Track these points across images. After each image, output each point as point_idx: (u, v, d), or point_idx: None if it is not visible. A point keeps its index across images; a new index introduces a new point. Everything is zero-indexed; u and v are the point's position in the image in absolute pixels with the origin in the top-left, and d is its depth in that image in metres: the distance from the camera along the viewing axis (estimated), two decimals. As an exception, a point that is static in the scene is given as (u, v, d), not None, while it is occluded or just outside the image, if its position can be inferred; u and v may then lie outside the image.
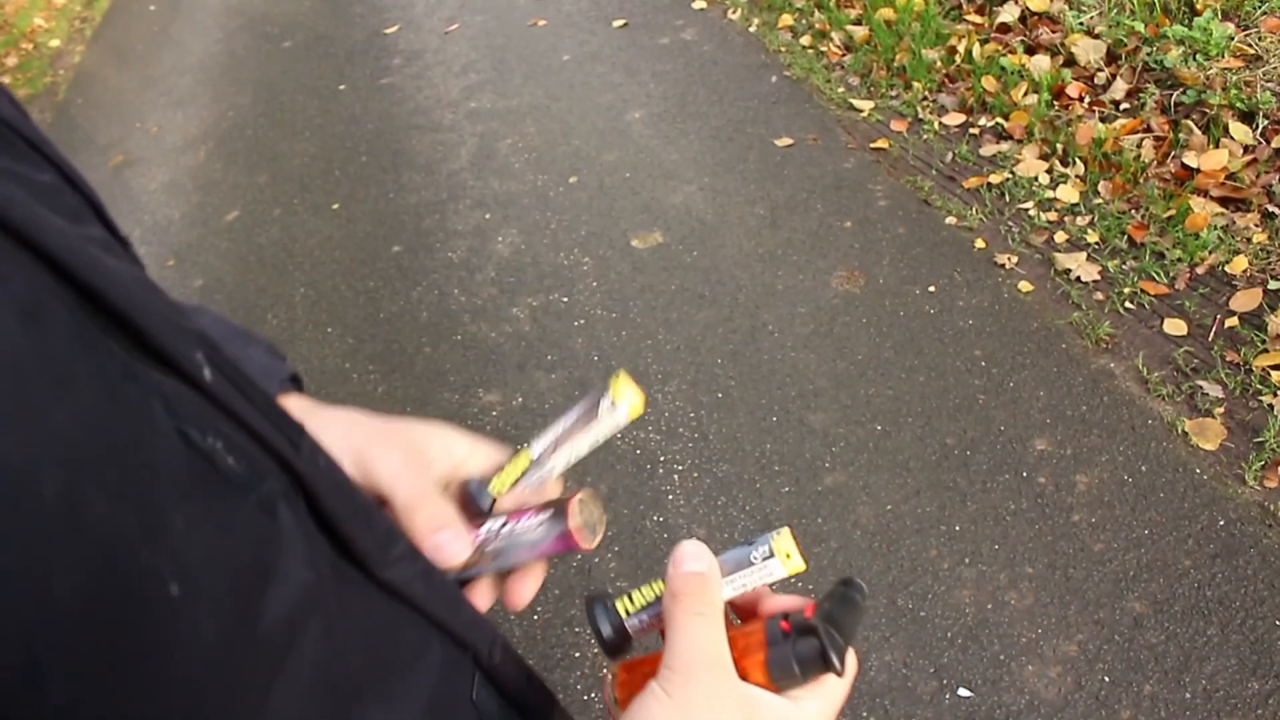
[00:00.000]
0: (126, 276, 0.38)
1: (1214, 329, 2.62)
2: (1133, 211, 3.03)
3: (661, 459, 2.57)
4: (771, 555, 0.55)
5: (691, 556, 0.54)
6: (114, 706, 0.31)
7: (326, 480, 0.48)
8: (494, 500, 0.62)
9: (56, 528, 0.28)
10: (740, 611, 0.60)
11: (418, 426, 0.63)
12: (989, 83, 3.63)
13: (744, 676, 0.53)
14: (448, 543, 0.58)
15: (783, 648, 0.52)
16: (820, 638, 0.52)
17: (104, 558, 0.30)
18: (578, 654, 2.18)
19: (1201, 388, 2.48)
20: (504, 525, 0.61)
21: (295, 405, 0.63)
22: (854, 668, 0.55)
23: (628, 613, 0.59)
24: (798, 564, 0.56)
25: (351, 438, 0.60)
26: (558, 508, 0.60)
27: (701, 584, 0.53)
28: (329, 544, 0.48)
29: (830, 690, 0.54)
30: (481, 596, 0.65)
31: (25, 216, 0.33)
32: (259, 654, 0.39)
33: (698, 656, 0.51)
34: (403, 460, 0.59)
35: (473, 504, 0.62)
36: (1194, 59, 3.25)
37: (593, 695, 2.12)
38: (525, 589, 0.64)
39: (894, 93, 3.88)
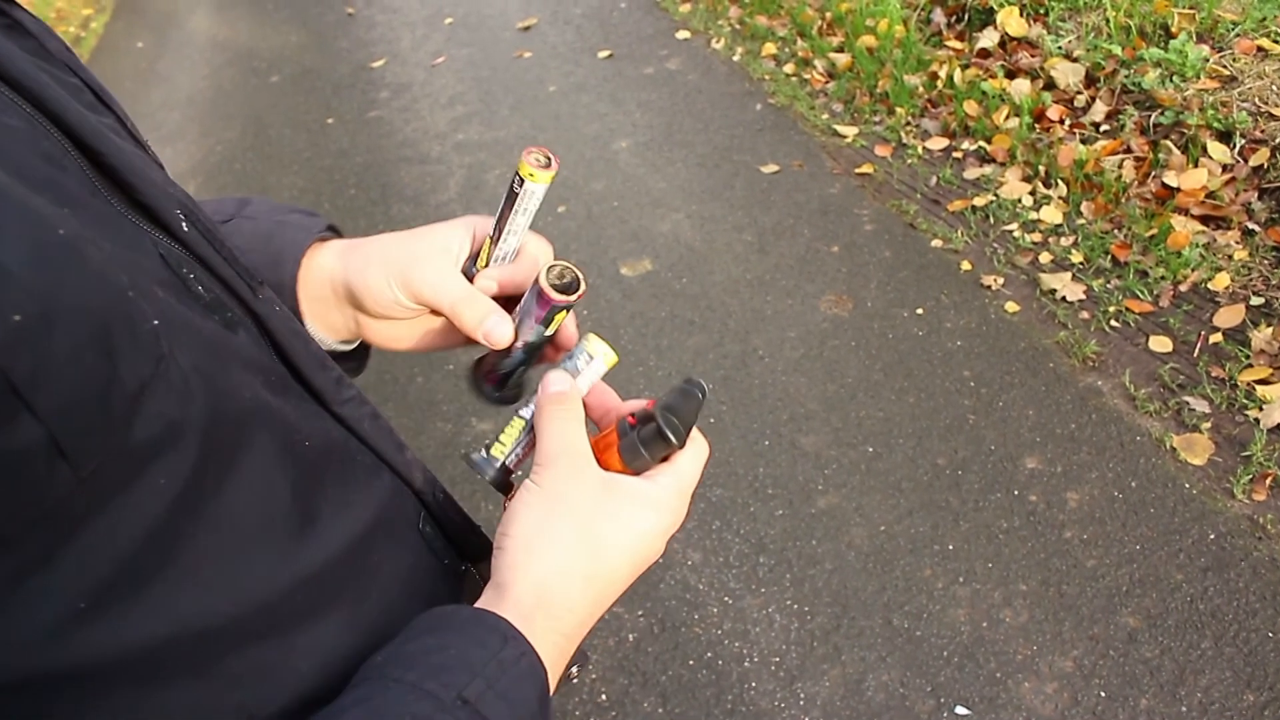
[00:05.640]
0: (126, 149, 0.50)
1: (1199, 345, 2.65)
2: (1115, 231, 3.07)
3: (655, 484, 2.57)
4: (591, 358, 0.66)
5: (555, 381, 0.65)
6: (107, 416, 0.40)
7: (283, 324, 0.58)
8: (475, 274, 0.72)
9: (67, 251, 0.39)
10: (600, 422, 0.70)
11: (437, 234, 0.72)
12: (971, 107, 3.68)
13: (607, 468, 0.63)
14: (495, 326, 0.68)
15: (630, 437, 0.62)
16: (658, 420, 0.61)
17: (99, 281, 0.40)
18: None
19: (1188, 403, 2.50)
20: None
21: (334, 245, 0.75)
22: (704, 446, 0.65)
23: (503, 454, 0.69)
24: (614, 357, 0.67)
25: (391, 265, 0.70)
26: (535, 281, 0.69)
27: (562, 397, 0.64)
28: (290, 376, 0.58)
29: (681, 466, 0.64)
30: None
31: (55, 99, 0.47)
32: (232, 409, 0.48)
33: (559, 448, 0.61)
34: (438, 270, 0.70)
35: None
36: (1171, 81, 3.30)
37: None
38: (566, 338, 0.73)
39: (877, 118, 3.93)
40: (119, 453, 0.41)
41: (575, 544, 0.58)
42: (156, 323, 0.43)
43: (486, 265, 0.72)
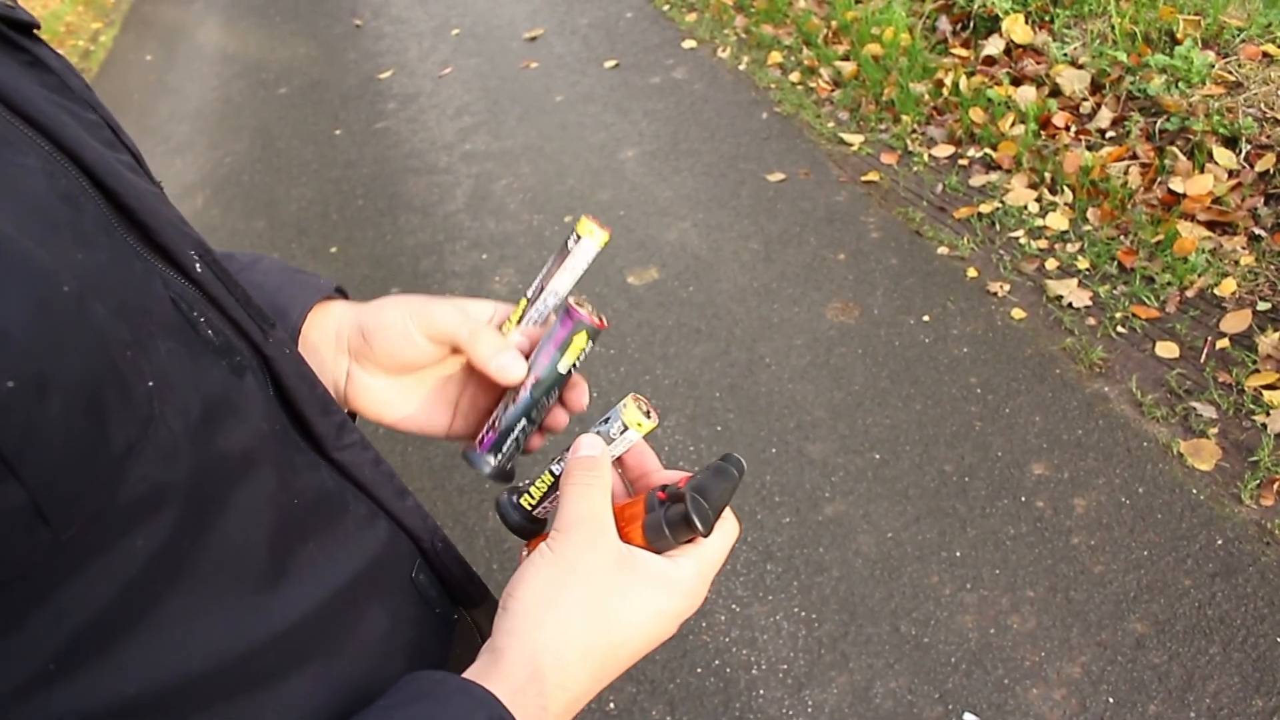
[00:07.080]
0: (142, 188, 0.50)
1: (1205, 351, 2.65)
2: (1122, 237, 3.07)
3: (663, 492, 2.58)
4: (625, 428, 0.64)
5: (586, 445, 0.64)
6: (93, 463, 0.40)
7: (291, 368, 0.58)
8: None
9: (68, 310, 0.39)
10: (635, 484, 0.69)
11: (460, 299, 0.74)
12: (976, 114, 3.69)
13: (629, 541, 0.60)
14: (508, 362, 0.68)
15: (656, 514, 0.60)
16: (686, 504, 0.58)
17: (98, 341, 0.40)
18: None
19: (1195, 409, 2.50)
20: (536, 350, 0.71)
21: (342, 304, 0.76)
22: (734, 527, 0.63)
23: (531, 505, 0.68)
24: (650, 425, 0.64)
25: (412, 302, 0.71)
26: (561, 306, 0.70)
27: (591, 463, 0.62)
28: (290, 422, 0.58)
29: (705, 551, 0.61)
30: (556, 418, 0.74)
31: (73, 138, 0.47)
32: (218, 467, 0.48)
33: (579, 516, 0.59)
34: (456, 310, 0.70)
35: None
36: (1176, 87, 3.31)
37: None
38: (577, 394, 0.74)
39: (883, 126, 3.94)
40: (102, 515, 0.41)
41: (581, 618, 0.56)
42: (151, 384, 0.43)
43: (519, 321, 0.73)
